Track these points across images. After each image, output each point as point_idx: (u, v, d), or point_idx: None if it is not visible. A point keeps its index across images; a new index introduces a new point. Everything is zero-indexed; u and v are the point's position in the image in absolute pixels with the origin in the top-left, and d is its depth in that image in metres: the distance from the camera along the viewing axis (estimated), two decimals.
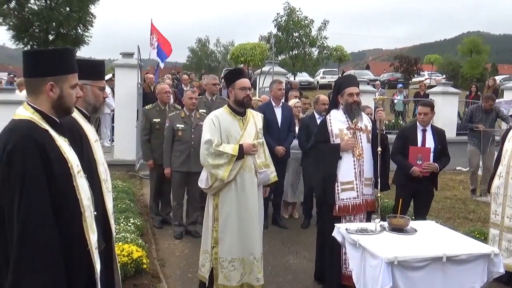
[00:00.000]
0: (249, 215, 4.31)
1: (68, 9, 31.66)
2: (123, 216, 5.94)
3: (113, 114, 11.60)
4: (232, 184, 4.27)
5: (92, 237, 2.41)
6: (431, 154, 5.35)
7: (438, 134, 5.54)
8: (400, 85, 19.72)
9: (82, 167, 2.74)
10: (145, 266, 4.81)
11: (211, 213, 4.37)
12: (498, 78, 31.12)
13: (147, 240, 5.88)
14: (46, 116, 2.35)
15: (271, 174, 4.60)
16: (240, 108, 4.39)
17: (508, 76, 30.67)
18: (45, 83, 2.33)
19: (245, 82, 4.38)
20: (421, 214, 5.29)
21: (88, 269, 2.42)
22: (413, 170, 5.22)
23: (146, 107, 7.07)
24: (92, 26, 33.38)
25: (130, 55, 10.78)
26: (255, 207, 4.35)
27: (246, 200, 4.30)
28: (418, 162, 5.24)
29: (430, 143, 5.39)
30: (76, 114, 2.96)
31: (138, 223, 5.95)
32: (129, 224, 5.70)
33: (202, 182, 4.38)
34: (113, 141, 11.71)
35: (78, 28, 32.84)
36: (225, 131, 4.28)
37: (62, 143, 2.35)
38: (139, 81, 10.63)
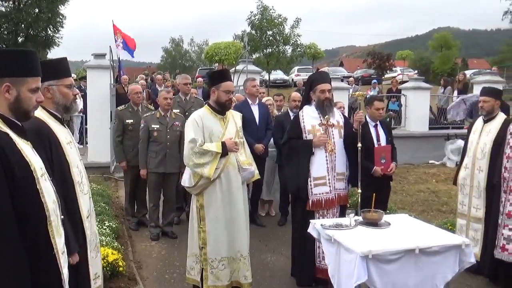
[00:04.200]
0: (235, 212, 4.33)
1: (37, 10, 31.00)
2: (98, 219, 5.84)
3: (84, 116, 11.49)
4: (217, 182, 4.28)
5: (58, 241, 2.37)
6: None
7: (386, 126, 5.61)
8: (375, 81, 19.90)
9: (52, 171, 2.71)
10: (121, 268, 4.77)
11: (196, 214, 4.37)
12: (468, 72, 31.80)
13: (123, 242, 5.82)
14: (7, 119, 2.29)
15: (255, 171, 4.62)
16: (220, 109, 4.41)
17: (477, 70, 31.30)
18: (1, 84, 2.26)
19: (230, 85, 4.43)
20: (383, 207, 5.33)
21: (56, 273, 2.38)
22: (375, 171, 5.20)
23: (119, 108, 7.00)
24: (62, 27, 32.75)
25: (102, 56, 10.65)
26: (241, 204, 4.38)
27: (232, 197, 4.32)
28: (382, 161, 5.27)
29: (383, 137, 5.42)
30: (46, 117, 2.92)
31: (114, 225, 5.90)
32: (104, 227, 5.64)
33: (185, 181, 4.40)
34: (83, 143, 11.61)
35: (48, 29, 32.19)
36: (207, 130, 4.31)
37: (24, 146, 2.30)
38: (112, 82, 10.52)
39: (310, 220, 4.22)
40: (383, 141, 5.42)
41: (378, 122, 5.50)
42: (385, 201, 5.62)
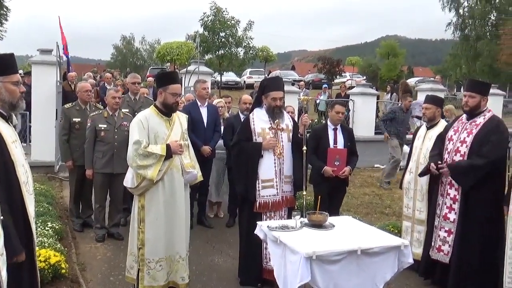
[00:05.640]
0: (176, 214, 4.34)
1: None
2: (40, 220, 5.70)
3: (27, 113, 11.07)
4: (159, 184, 4.27)
5: None
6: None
7: (348, 132, 5.83)
8: (325, 85, 20.32)
9: None
10: (64, 271, 4.66)
11: (137, 214, 4.35)
12: (413, 80, 33.01)
13: (66, 244, 5.69)
14: None
15: (198, 173, 4.63)
16: (167, 111, 4.39)
17: (422, 78, 32.59)
18: None
19: (177, 88, 4.43)
20: (335, 209, 5.52)
21: None
22: (325, 170, 5.44)
23: (66, 106, 6.81)
24: (6, 20, 31.45)
25: (48, 51, 10.31)
26: (183, 207, 4.40)
27: (173, 199, 4.32)
28: (336, 163, 5.45)
29: (341, 141, 5.65)
30: None
31: (57, 227, 5.75)
32: (46, 228, 5.50)
33: (128, 182, 4.37)
34: (26, 141, 11.18)
35: None
36: (152, 131, 4.28)
37: None
38: (58, 79, 10.21)
39: (257, 222, 4.28)
40: (340, 145, 5.62)
41: (338, 127, 5.68)
42: (338, 202, 5.82)
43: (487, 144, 4.56)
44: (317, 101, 17.21)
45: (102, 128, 6.10)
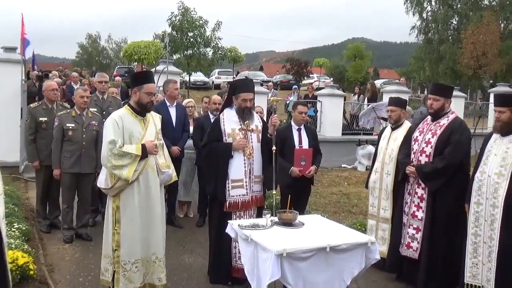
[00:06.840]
0: (152, 214, 4.32)
1: None
2: (6, 221, 5.59)
3: None
4: (135, 184, 4.23)
5: None
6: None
7: (311, 132, 5.98)
8: (295, 86, 20.50)
9: None
10: (32, 272, 4.59)
11: (111, 216, 4.29)
12: (378, 81, 33.66)
13: (34, 245, 5.60)
14: None
15: (173, 173, 4.64)
16: (141, 110, 4.38)
17: (387, 80, 33.26)
18: None
19: (152, 88, 4.41)
20: (301, 208, 5.62)
21: None
22: (292, 171, 5.55)
23: (32, 105, 6.70)
24: None
25: (13, 49, 10.07)
26: (159, 207, 4.38)
27: (149, 200, 4.29)
28: (302, 163, 5.57)
29: (305, 140, 5.77)
30: None
31: (23, 228, 5.66)
32: (13, 230, 5.40)
33: (102, 183, 4.30)
34: None
35: None
36: (127, 131, 4.25)
37: None
38: (23, 78, 10.00)
39: (228, 221, 4.32)
40: (305, 145, 5.72)
41: (302, 127, 5.79)
42: (304, 201, 5.93)
43: (449, 144, 4.76)
44: (287, 102, 17.37)
45: (70, 127, 6.03)
